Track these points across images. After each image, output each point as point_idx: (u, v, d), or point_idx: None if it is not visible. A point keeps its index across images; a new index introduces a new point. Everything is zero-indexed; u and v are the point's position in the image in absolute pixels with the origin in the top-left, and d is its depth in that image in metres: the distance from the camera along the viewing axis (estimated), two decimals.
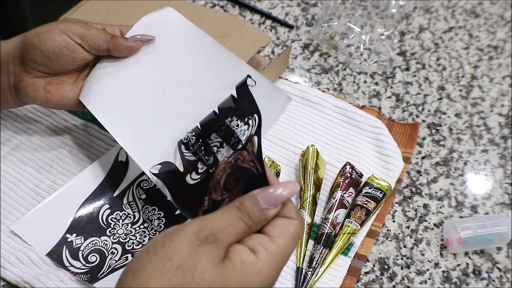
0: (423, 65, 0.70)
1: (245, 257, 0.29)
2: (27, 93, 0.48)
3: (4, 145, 0.56)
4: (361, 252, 0.50)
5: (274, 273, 0.30)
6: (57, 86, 0.49)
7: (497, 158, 0.60)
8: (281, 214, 0.32)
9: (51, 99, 0.49)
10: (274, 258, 0.30)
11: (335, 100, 0.62)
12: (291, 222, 0.31)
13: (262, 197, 0.31)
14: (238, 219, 0.30)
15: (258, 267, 0.29)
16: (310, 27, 0.75)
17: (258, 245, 0.30)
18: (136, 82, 0.50)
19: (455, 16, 0.78)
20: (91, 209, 0.51)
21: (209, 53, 0.54)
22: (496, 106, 0.65)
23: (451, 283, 0.49)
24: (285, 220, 0.31)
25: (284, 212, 0.32)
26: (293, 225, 0.31)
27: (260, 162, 0.33)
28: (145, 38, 0.50)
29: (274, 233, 0.31)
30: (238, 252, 0.30)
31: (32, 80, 0.48)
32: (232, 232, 0.30)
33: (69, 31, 0.47)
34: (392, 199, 0.55)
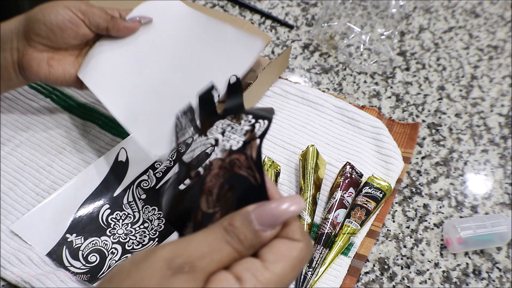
0: (423, 65, 0.70)
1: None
2: (30, 68, 0.49)
3: (4, 145, 0.56)
4: (361, 252, 0.50)
5: None
6: (59, 61, 0.50)
7: (497, 158, 0.60)
8: (283, 235, 0.26)
9: (53, 74, 0.50)
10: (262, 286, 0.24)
11: (335, 100, 0.62)
12: (294, 245, 0.26)
13: (257, 216, 0.25)
14: (224, 243, 0.25)
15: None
16: (310, 27, 0.75)
17: (246, 272, 0.25)
18: (133, 60, 0.52)
19: (455, 16, 0.78)
20: (91, 209, 0.51)
21: (212, 38, 0.54)
22: (496, 106, 0.65)
23: (451, 283, 0.49)
24: (286, 242, 0.26)
25: (286, 233, 0.26)
26: (296, 248, 0.26)
27: (259, 169, 0.28)
28: (143, 20, 0.53)
29: (270, 258, 0.25)
30: (220, 281, 0.24)
31: (36, 54, 0.49)
32: (216, 259, 0.25)
33: (72, 7, 0.49)
34: (392, 199, 0.55)
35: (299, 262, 0.25)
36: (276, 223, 0.26)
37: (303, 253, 0.26)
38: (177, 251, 0.25)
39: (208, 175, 0.31)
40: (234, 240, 0.25)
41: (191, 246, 0.25)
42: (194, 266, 0.24)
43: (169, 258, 0.24)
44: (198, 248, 0.25)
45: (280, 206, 0.26)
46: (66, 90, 0.63)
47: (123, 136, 0.57)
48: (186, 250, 0.25)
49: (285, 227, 0.26)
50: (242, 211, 0.26)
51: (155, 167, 0.55)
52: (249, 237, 0.25)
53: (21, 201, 0.52)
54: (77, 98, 0.62)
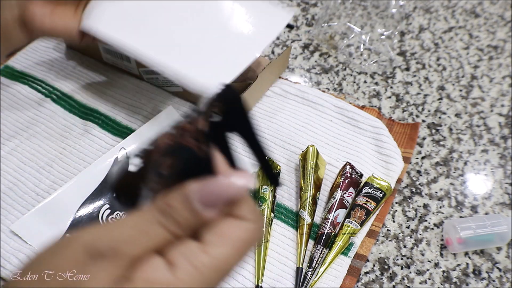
0: (423, 65, 0.70)
1: (154, 275, 0.21)
2: (33, 22, 0.49)
3: (4, 145, 0.56)
4: (361, 252, 0.50)
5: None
6: (61, 13, 0.50)
7: (497, 158, 0.60)
8: (229, 214, 0.23)
9: (56, 26, 0.49)
10: (200, 275, 0.21)
11: (335, 100, 0.62)
12: (240, 225, 0.22)
13: (198, 193, 0.22)
14: (155, 225, 0.22)
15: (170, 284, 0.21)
16: (310, 27, 0.75)
17: (180, 256, 0.21)
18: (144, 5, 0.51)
19: (455, 16, 0.78)
20: (91, 209, 0.51)
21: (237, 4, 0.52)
22: (496, 106, 0.65)
23: (451, 283, 0.49)
24: (231, 222, 0.22)
25: (232, 211, 0.23)
26: (242, 228, 0.22)
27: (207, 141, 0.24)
28: None
29: (210, 239, 0.22)
30: (147, 267, 0.21)
31: (38, 8, 0.48)
32: (144, 243, 0.22)
33: None
34: (392, 199, 0.55)
35: (245, 245, 0.22)
36: (220, 201, 0.22)
37: (251, 234, 0.22)
38: (99, 235, 0.21)
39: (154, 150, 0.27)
40: (169, 222, 0.22)
41: (117, 229, 0.22)
42: (117, 251, 0.21)
43: (89, 243, 0.21)
44: (125, 231, 0.22)
45: (224, 181, 0.22)
46: (66, 90, 0.63)
47: (123, 136, 0.57)
48: (110, 233, 0.22)
49: (232, 206, 0.23)
50: (181, 189, 0.22)
51: None
52: (187, 217, 0.22)
53: (21, 201, 0.52)
54: (77, 98, 0.62)
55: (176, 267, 0.21)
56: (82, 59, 0.67)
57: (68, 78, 0.65)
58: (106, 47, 0.63)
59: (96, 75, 0.65)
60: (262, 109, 0.62)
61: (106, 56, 0.65)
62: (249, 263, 0.48)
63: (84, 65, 0.66)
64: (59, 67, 0.66)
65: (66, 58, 0.67)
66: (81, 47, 0.67)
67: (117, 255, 0.21)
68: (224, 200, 0.22)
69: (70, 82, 0.64)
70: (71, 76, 0.65)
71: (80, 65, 0.66)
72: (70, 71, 0.66)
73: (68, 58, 0.67)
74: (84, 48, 0.67)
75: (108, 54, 0.64)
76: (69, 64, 0.66)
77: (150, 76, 0.63)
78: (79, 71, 0.66)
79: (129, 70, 0.64)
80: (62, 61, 0.67)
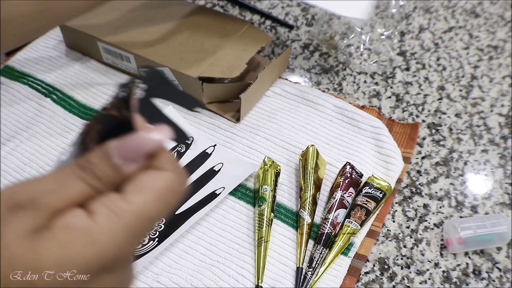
0: (423, 65, 0.70)
1: (73, 222, 0.21)
2: None
3: (4, 145, 0.56)
4: (361, 252, 0.50)
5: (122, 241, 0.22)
6: None
7: (497, 158, 0.60)
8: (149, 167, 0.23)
9: None
10: (120, 220, 0.21)
11: (335, 100, 0.62)
12: (159, 175, 0.23)
13: (117, 149, 0.22)
14: (76, 180, 0.22)
15: (92, 233, 0.21)
16: (310, 27, 0.75)
17: (100, 205, 0.22)
18: None
19: (455, 16, 0.78)
20: None
21: None
22: (496, 106, 0.65)
23: (451, 283, 0.49)
24: (150, 173, 0.23)
25: (152, 164, 0.23)
26: (162, 178, 0.23)
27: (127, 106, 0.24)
28: None
29: (130, 189, 0.22)
30: (66, 216, 0.21)
31: None
32: (65, 196, 0.22)
33: None
34: (392, 199, 0.55)
35: (166, 192, 0.23)
36: (140, 155, 0.23)
37: (172, 182, 0.23)
38: (19, 189, 0.22)
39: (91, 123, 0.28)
40: (89, 176, 0.22)
41: (37, 183, 0.22)
42: (36, 202, 0.21)
43: (8, 196, 0.21)
44: (45, 185, 0.22)
45: (141, 136, 0.23)
46: (66, 90, 0.63)
47: None
48: (29, 187, 0.22)
49: (152, 159, 0.23)
50: (101, 148, 0.23)
51: None
52: (107, 172, 0.22)
53: None
54: (77, 98, 0.62)
55: (95, 214, 0.21)
56: (82, 59, 0.67)
57: (68, 78, 0.65)
58: (106, 47, 0.63)
59: (96, 75, 0.65)
60: (262, 109, 0.62)
61: (106, 56, 0.65)
62: (249, 263, 0.48)
63: (84, 65, 0.66)
64: (59, 67, 0.66)
65: (66, 58, 0.67)
66: (81, 47, 0.67)
67: (36, 206, 0.21)
68: (142, 154, 0.23)
69: (70, 82, 0.64)
70: (71, 76, 0.65)
71: (80, 65, 0.66)
72: (70, 71, 0.66)
73: (68, 58, 0.67)
74: (84, 48, 0.67)
75: (108, 54, 0.64)
76: (69, 64, 0.66)
77: None
78: (79, 71, 0.66)
79: (129, 70, 0.64)
80: (62, 61, 0.67)
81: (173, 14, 0.65)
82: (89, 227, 0.21)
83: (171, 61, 0.59)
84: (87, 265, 0.21)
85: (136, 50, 0.61)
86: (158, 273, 0.47)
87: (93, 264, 0.21)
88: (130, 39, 0.62)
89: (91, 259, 0.21)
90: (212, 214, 0.52)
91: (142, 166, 0.23)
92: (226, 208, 0.53)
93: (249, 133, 0.59)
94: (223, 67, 0.58)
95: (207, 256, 0.49)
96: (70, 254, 0.21)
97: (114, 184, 0.23)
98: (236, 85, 0.60)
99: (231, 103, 0.62)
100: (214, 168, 0.55)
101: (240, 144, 0.58)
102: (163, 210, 0.23)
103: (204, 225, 0.51)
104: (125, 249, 0.22)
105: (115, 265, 0.22)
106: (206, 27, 0.64)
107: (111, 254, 0.21)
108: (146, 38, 0.62)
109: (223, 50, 0.60)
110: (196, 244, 0.50)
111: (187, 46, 0.61)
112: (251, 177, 0.55)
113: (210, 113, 0.61)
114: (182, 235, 0.50)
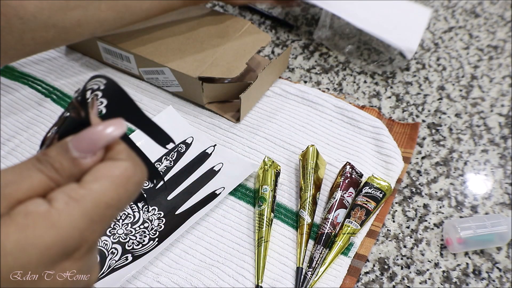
0: (423, 65, 0.70)
1: (32, 208, 0.22)
2: None
3: (4, 145, 0.56)
4: (361, 252, 0.50)
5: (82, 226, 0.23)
6: None
7: (497, 158, 0.60)
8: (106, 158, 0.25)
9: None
10: (78, 205, 0.22)
11: (335, 100, 0.62)
12: (116, 164, 0.24)
13: (74, 143, 0.24)
14: (35, 171, 0.23)
15: (51, 217, 0.22)
16: (310, 27, 0.75)
17: (59, 193, 0.23)
18: None
19: (455, 16, 0.78)
20: None
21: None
22: (496, 106, 0.65)
23: (451, 283, 0.49)
24: (107, 163, 0.24)
25: (108, 155, 0.24)
26: (118, 167, 0.24)
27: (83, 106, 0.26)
28: None
29: (88, 178, 0.23)
30: (25, 204, 0.22)
31: None
32: (24, 187, 0.23)
33: None
34: (392, 199, 0.55)
35: (123, 181, 0.24)
36: (96, 148, 0.24)
37: (129, 171, 0.24)
38: None
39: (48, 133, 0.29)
40: (48, 168, 0.23)
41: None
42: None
43: None
44: (5, 177, 0.23)
45: (98, 129, 0.24)
46: (66, 90, 0.63)
47: None
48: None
49: (108, 151, 0.24)
50: (59, 143, 0.24)
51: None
52: (66, 165, 0.24)
53: None
54: None
55: (54, 200, 0.22)
56: (82, 59, 0.67)
57: (68, 78, 0.65)
58: (106, 47, 0.63)
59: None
60: (262, 109, 0.62)
61: (106, 56, 0.65)
62: (249, 263, 0.48)
63: (84, 65, 0.66)
64: (59, 67, 0.66)
65: (66, 58, 0.67)
66: (81, 47, 0.67)
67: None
68: (98, 146, 0.24)
69: (70, 82, 0.64)
70: (71, 76, 0.65)
71: (80, 65, 0.66)
72: (70, 71, 0.66)
73: (68, 58, 0.67)
74: (84, 48, 0.67)
75: (108, 54, 0.64)
76: (69, 64, 0.66)
77: (150, 76, 0.63)
78: (79, 71, 0.66)
79: (129, 70, 0.64)
80: (62, 61, 0.67)
81: (173, 14, 0.66)
82: (48, 212, 0.22)
83: (171, 61, 0.59)
84: (47, 249, 0.21)
85: (136, 50, 0.61)
86: (158, 273, 0.47)
87: (54, 248, 0.22)
88: (130, 39, 0.62)
89: (52, 243, 0.22)
90: (212, 214, 0.52)
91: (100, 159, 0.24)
92: (226, 208, 0.53)
93: (249, 133, 0.59)
94: (223, 67, 0.58)
95: (207, 256, 0.49)
96: (30, 237, 0.21)
97: (74, 177, 0.24)
98: (236, 85, 0.60)
99: (231, 103, 0.62)
100: (214, 168, 0.55)
101: (240, 144, 0.58)
102: (123, 198, 0.24)
103: (204, 225, 0.51)
104: (86, 235, 0.23)
105: (77, 251, 0.23)
106: (206, 27, 0.64)
107: (71, 239, 0.22)
108: (146, 38, 0.62)
109: (223, 50, 0.60)
110: (196, 244, 0.50)
111: (187, 46, 0.61)
112: (251, 177, 0.55)
113: (210, 113, 0.61)
114: (182, 235, 0.50)
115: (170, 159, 0.56)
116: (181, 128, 0.59)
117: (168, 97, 0.62)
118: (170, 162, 0.56)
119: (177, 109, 0.61)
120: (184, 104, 0.62)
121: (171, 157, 0.56)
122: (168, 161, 0.56)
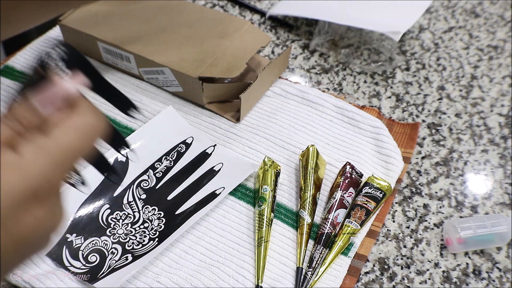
0: (423, 65, 0.70)
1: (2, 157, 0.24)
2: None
3: None
4: (361, 252, 0.50)
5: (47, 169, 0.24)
6: None
7: (497, 158, 0.60)
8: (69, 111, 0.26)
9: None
10: (42, 150, 0.24)
11: (335, 100, 0.62)
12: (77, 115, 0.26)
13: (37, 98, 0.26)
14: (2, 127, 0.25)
15: (16, 162, 0.24)
16: (310, 27, 0.75)
17: (25, 142, 0.25)
18: None
19: (455, 16, 0.78)
20: (91, 209, 0.51)
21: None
22: (496, 106, 0.65)
23: (451, 283, 0.49)
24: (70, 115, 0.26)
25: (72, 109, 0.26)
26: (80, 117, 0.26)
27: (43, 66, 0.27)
28: None
29: (52, 129, 0.25)
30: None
31: None
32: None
33: None
34: (392, 199, 0.55)
35: (85, 129, 0.26)
36: (57, 100, 0.26)
37: (90, 120, 0.26)
38: None
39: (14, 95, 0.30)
40: (12, 121, 0.25)
41: None
42: None
43: None
44: None
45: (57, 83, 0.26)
46: None
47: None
48: None
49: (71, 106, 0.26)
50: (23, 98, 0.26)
51: (155, 167, 0.55)
52: (27, 116, 0.25)
53: None
54: None
55: (20, 147, 0.24)
56: None
57: None
58: (106, 47, 0.63)
59: None
60: (262, 109, 0.62)
61: (106, 56, 0.65)
62: (249, 263, 0.48)
63: None
64: None
65: None
66: (81, 47, 0.67)
67: None
68: (59, 98, 0.26)
69: None
70: None
71: None
72: None
73: None
74: (84, 48, 0.67)
75: (108, 54, 0.64)
76: None
77: (150, 76, 0.63)
78: None
79: (129, 70, 0.64)
80: None
81: (173, 14, 0.65)
82: (14, 158, 0.23)
83: (171, 61, 0.59)
84: (14, 192, 0.23)
85: (136, 50, 0.61)
86: (158, 273, 0.47)
87: (21, 190, 0.23)
88: (130, 39, 0.62)
89: (19, 186, 0.23)
90: (212, 214, 0.52)
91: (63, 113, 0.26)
92: (226, 208, 0.53)
93: (249, 133, 0.59)
94: (223, 67, 0.58)
95: (207, 256, 0.49)
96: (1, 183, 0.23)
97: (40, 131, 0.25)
98: (236, 85, 0.60)
99: (231, 103, 0.62)
100: (214, 168, 0.55)
101: (240, 144, 0.58)
102: (85, 144, 0.26)
103: (204, 225, 0.51)
104: (52, 178, 0.25)
105: (44, 194, 0.24)
106: (206, 27, 0.64)
107: (37, 181, 0.24)
108: (146, 38, 0.62)
109: (223, 50, 0.60)
110: (196, 244, 0.50)
111: (187, 46, 0.61)
112: (251, 177, 0.55)
113: (210, 113, 0.61)
114: (182, 235, 0.50)
115: (170, 159, 0.56)
116: (181, 128, 0.59)
117: (168, 97, 0.62)
118: (170, 162, 0.56)
119: (177, 109, 0.61)
120: (184, 104, 0.62)
121: (171, 157, 0.56)
122: (168, 161, 0.56)
